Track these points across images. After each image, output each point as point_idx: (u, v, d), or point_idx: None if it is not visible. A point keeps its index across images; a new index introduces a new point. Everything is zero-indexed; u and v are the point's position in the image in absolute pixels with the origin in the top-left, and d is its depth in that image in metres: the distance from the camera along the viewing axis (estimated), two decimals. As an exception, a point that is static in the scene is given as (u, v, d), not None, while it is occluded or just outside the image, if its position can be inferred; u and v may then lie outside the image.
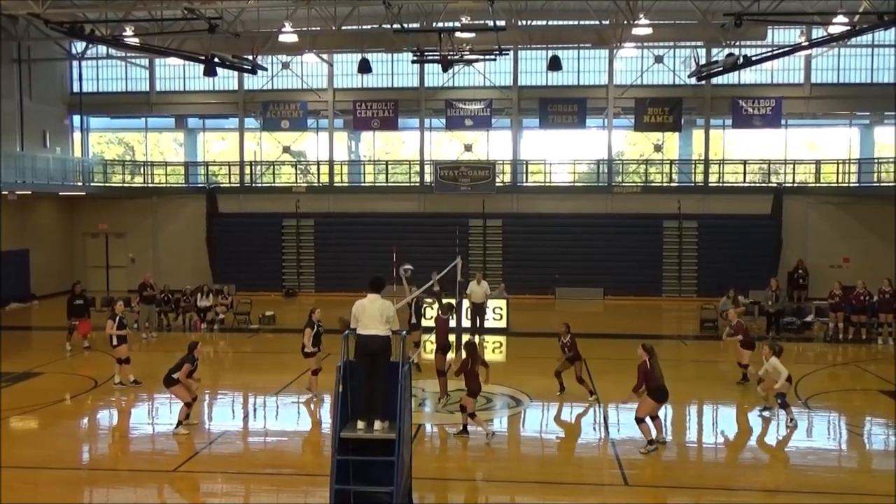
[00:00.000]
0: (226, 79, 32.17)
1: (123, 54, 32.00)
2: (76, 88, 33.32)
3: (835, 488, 10.99)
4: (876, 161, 30.61)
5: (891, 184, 28.61)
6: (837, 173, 31.27)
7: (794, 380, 17.05)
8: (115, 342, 16.37)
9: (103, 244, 32.92)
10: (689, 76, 28.87)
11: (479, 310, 21.88)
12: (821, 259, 29.26)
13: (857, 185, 30.32)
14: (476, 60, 28.03)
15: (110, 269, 32.91)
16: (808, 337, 22.43)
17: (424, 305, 19.48)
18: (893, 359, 19.07)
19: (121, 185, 33.41)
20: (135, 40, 26.01)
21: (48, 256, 30.88)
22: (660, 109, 30.52)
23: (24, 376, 17.32)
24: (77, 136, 34.26)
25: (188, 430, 13.28)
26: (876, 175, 29.98)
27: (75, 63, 33.24)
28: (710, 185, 31.39)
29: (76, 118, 33.91)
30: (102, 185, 32.58)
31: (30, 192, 27.15)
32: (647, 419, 12.32)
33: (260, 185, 33.52)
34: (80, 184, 31.07)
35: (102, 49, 31.87)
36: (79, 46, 32.17)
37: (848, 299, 21.87)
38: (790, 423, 13.65)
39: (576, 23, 29.00)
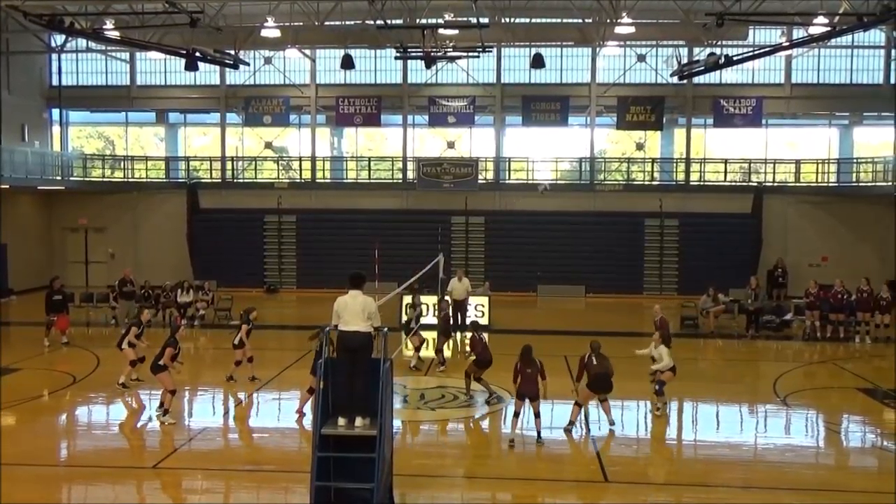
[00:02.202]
0: (207, 73, 31.91)
1: (103, 47, 31.73)
2: (55, 82, 32.97)
3: (812, 485, 11.11)
4: (855, 161, 30.95)
5: (869, 184, 28.96)
6: (817, 173, 31.55)
7: (772, 378, 17.31)
8: (124, 345, 15.71)
9: (82, 239, 32.55)
10: (671, 75, 29.00)
11: (460, 307, 21.89)
12: (800, 258, 29.52)
13: (836, 184, 30.61)
14: (459, 57, 28.05)
15: (90, 264, 32.55)
16: (787, 335, 22.59)
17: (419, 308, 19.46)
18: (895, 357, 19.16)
19: (101, 179, 33.05)
20: (115, 34, 25.71)
21: (26, 251, 30.54)
22: (642, 108, 30.67)
23: (1, 372, 17.11)
24: (56, 129, 33.88)
25: (174, 420, 13.29)
26: (854, 175, 30.33)
27: (54, 56, 32.87)
28: (692, 183, 31.56)
29: (55, 112, 33.54)
30: (82, 179, 32.22)
31: (7, 186, 26.82)
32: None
33: (242, 180, 33.32)
34: (59, 178, 30.73)
35: (82, 42, 31.53)
36: (58, 39, 31.87)
37: (826, 298, 22.07)
38: (657, 412, 14.24)
39: (559, 21, 29.05)
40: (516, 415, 12.77)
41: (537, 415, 12.67)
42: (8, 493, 10.34)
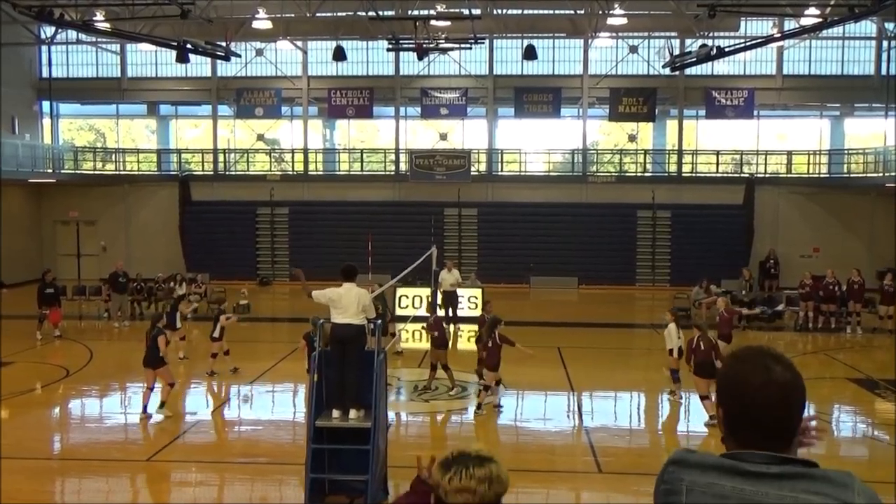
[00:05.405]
0: (199, 65, 31.76)
1: (94, 39, 31.57)
2: (45, 73, 32.81)
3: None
4: (846, 152, 31.06)
5: (860, 174, 29.07)
6: (808, 164, 31.65)
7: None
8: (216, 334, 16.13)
9: (74, 232, 32.44)
10: (663, 66, 28.99)
11: (451, 298, 21.90)
12: (791, 249, 29.62)
13: (828, 175, 30.73)
14: (451, 49, 28.02)
15: (81, 257, 32.46)
16: (778, 326, 22.69)
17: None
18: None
19: (92, 172, 32.95)
20: (105, 25, 25.63)
21: (17, 244, 30.39)
22: (634, 99, 30.67)
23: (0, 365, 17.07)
24: (47, 122, 33.72)
25: (171, 412, 13.29)
26: (846, 166, 30.46)
27: (44, 48, 32.70)
28: (684, 175, 31.62)
29: (45, 104, 33.37)
30: (73, 172, 32.13)
31: (-2, 179, 26.72)
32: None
33: (234, 173, 33.24)
34: (50, 171, 30.63)
35: (72, 34, 31.33)
36: (48, 31, 31.66)
37: (817, 288, 22.18)
38: (671, 396, 14.43)
39: (551, 12, 29.04)
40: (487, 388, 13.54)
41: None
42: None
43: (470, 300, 23.25)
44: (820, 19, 23.14)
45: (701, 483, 2.22)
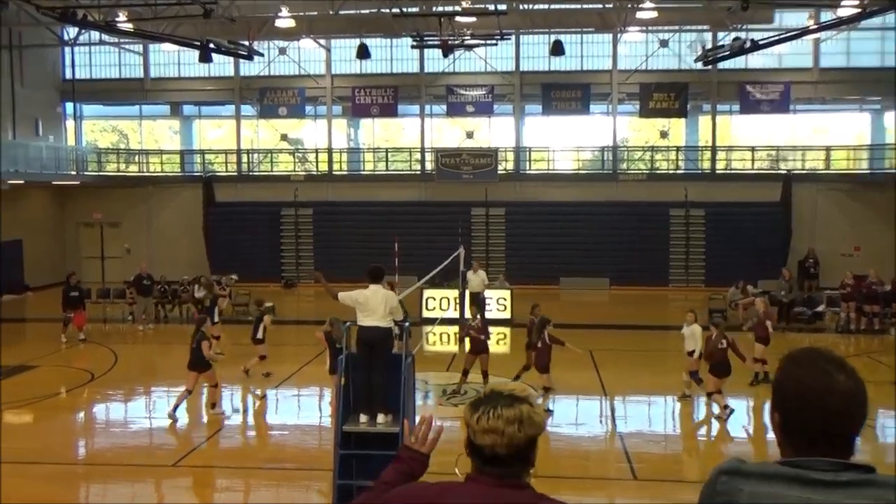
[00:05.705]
0: (221, 65, 31.48)
1: (117, 40, 31.46)
2: (69, 75, 32.77)
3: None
4: (887, 147, 30.12)
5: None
6: (848, 160, 30.77)
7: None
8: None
9: (97, 234, 32.29)
10: (696, 61, 28.36)
11: (477, 299, 21.44)
12: (831, 247, 28.66)
13: (869, 171, 29.86)
14: (477, 45, 27.63)
15: (105, 259, 32.35)
16: (819, 327, 21.98)
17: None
18: None
19: (115, 173, 32.92)
20: (128, 26, 25.50)
21: (41, 247, 30.41)
22: (665, 95, 29.98)
23: (18, 369, 16.90)
24: (70, 123, 33.72)
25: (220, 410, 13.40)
26: (887, 161, 29.50)
27: (67, 49, 32.67)
28: (718, 171, 30.83)
29: (69, 105, 33.35)
30: (96, 174, 32.11)
31: (22, 182, 26.66)
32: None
33: (257, 173, 33.03)
34: (73, 172, 30.63)
35: (95, 35, 31.23)
36: (71, 32, 31.61)
37: (859, 288, 21.44)
38: (707, 399, 13.90)
39: (579, 6, 28.52)
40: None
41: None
42: (26, 491, 10.05)
43: (498, 302, 22.76)
44: (858, 10, 22.47)
45: (763, 493, 2.07)
